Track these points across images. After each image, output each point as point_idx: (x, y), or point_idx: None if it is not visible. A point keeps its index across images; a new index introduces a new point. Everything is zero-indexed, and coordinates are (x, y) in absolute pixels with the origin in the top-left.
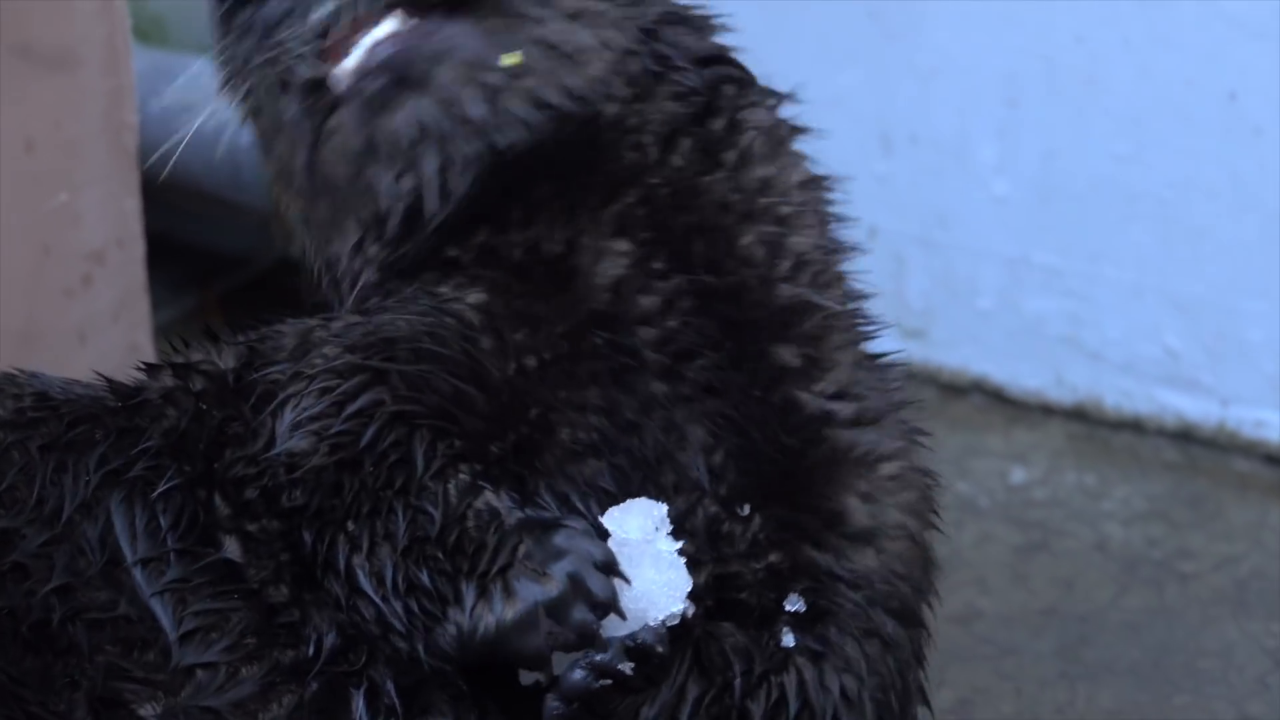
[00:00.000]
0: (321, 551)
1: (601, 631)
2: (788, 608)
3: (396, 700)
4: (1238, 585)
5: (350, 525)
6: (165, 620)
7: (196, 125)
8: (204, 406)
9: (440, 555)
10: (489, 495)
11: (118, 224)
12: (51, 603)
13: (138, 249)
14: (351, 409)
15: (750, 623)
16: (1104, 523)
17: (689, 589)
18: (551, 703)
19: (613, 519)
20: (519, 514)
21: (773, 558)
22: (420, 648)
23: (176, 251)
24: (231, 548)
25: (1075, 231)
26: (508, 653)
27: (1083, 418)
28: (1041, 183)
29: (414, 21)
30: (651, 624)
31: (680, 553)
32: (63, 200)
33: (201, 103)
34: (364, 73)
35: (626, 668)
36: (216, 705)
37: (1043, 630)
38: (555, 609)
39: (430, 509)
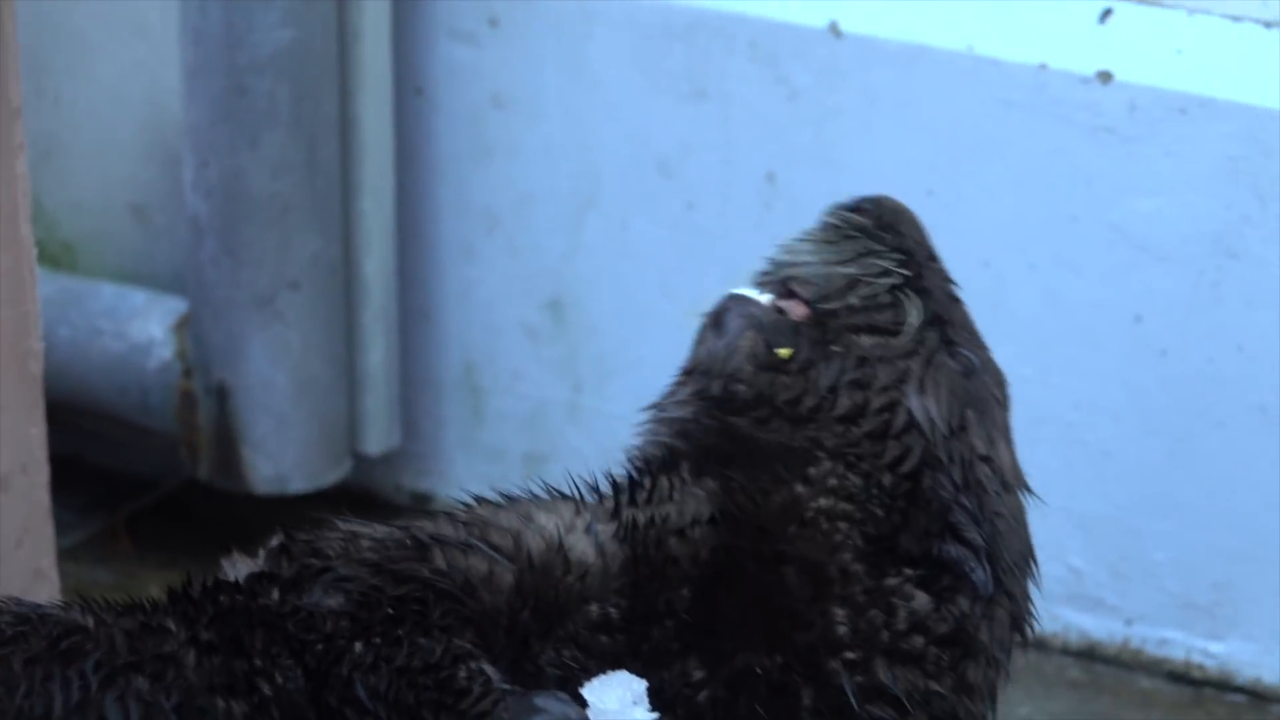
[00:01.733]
0: (325, 666)
1: None
2: None
3: None
4: None
5: (358, 646)
6: None
7: None
8: (231, 598)
9: (431, 685)
10: (485, 663)
11: (22, 450)
12: None
13: (41, 475)
14: (388, 570)
15: None
16: None
17: None
18: None
19: (593, 690)
20: (505, 684)
21: None
22: None
23: (83, 474)
24: (266, 689)
25: None
26: None
27: None
28: None
29: None
30: None
31: None
32: None
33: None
34: None
35: None
36: None
37: None
38: None
39: (434, 649)
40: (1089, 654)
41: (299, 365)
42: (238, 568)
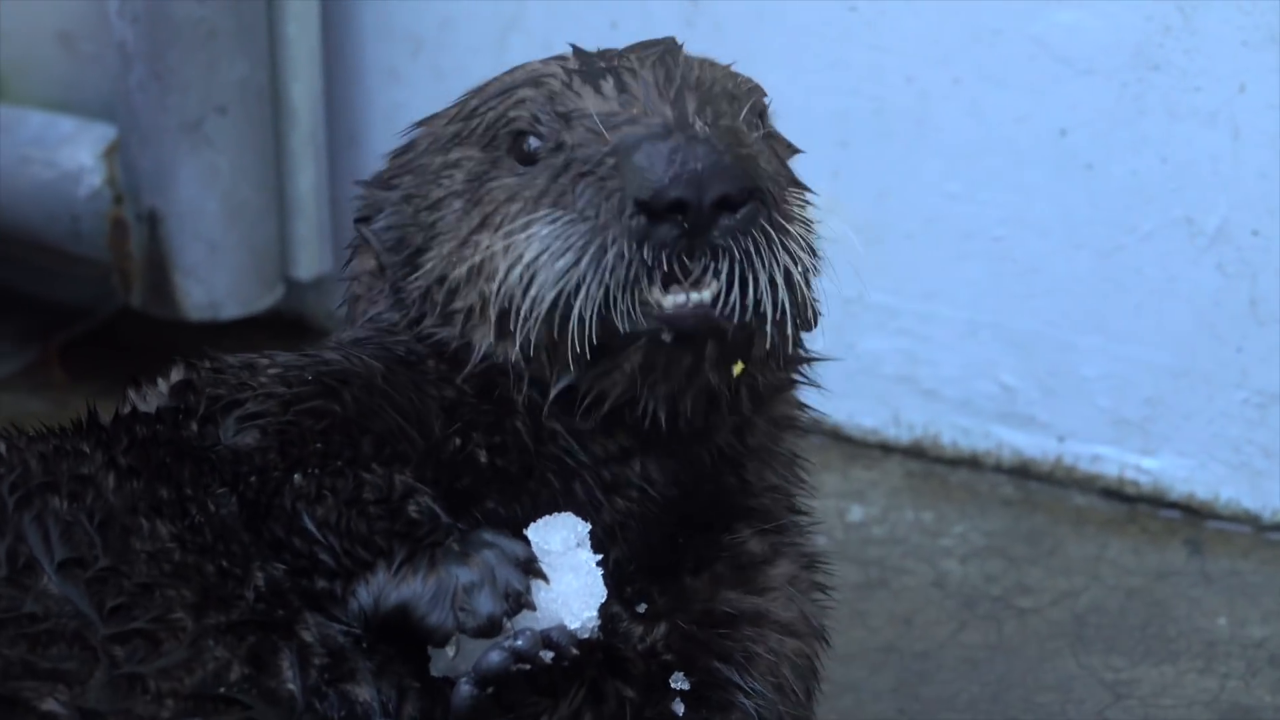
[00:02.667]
0: (264, 498)
1: (513, 626)
2: (674, 685)
3: (326, 659)
4: (1076, 619)
5: (298, 478)
6: (83, 605)
7: None
8: (150, 428)
9: (384, 515)
10: (428, 498)
11: None
12: None
13: None
14: (300, 408)
15: (639, 687)
16: (942, 559)
17: (604, 599)
18: (464, 687)
19: (536, 530)
20: (449, 520)
21: (668, 657)
22: (339, 588)
23: (16, 304)
24: (197, 514)
25: (909, 270)
26: (416, 623)
27: (920, 455)
28: (874, 222)
29: None
30: (567, 627)
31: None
32: None
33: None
34: None
35: (546, 656)
36: (143, 671)
37: (881, 667)
38: (470, 590)
39: (380, 483)
40: (1022, 471)
41: (229, 190)
42: (148, 400)
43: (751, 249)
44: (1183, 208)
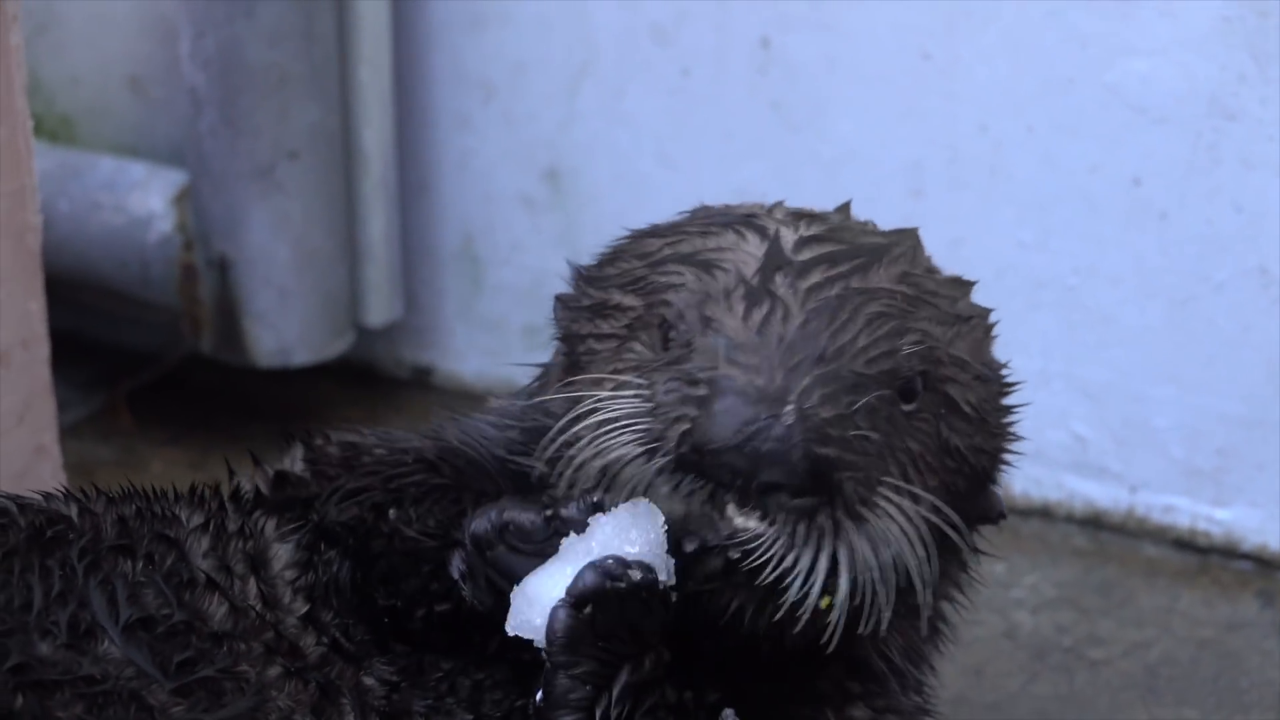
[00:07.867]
0: (362, 542)
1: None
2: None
3: (384, 703)
4: (1148, 671)
5: (393, 512)
6: (145, 665)
7: None
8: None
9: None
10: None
11: (21, 325)
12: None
13: (42, 350)
14: (401, 482)
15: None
16: (1013, 610)
17: (664, 525)
18: (560, 611)
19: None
20: None
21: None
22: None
23: (84, 350)
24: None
25: None
26: (515, 529)
27: None
28: (947, 271)
29: None
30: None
31: None
32: None
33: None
34: None
35: (634, 575)
36: None
37: (952, 719)
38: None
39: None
40: (1094, 522)
41: (300, 236)
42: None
43: (803, 532)
44: (1257, 257)
